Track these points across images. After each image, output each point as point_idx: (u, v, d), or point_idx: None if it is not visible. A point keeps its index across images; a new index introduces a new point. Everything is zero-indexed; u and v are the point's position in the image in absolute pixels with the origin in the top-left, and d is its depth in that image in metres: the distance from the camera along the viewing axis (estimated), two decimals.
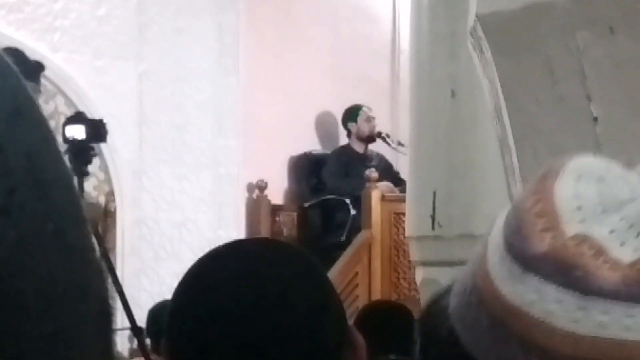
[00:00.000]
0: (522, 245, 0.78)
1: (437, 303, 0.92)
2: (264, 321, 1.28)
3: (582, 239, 0.76)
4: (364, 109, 8.42)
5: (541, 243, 0.77)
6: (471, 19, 1.96)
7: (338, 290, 1.47)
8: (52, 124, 0.36)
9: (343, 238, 7.85)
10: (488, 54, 1.91)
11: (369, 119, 8.43)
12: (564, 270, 0.75)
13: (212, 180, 7.78)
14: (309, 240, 7.90)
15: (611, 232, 0.76)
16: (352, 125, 8.44)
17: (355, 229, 7.82)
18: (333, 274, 6.87)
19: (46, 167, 0.38)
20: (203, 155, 7.74)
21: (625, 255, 0.75)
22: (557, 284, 0.76)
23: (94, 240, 0.40)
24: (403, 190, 7.15)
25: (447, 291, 0.90)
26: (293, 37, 8.49)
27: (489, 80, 1.98)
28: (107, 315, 0.40)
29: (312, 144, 8.64)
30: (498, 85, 1.91)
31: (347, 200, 7.98)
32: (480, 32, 1.90)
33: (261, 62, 8.24)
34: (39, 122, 0.39)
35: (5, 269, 0.34)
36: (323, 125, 8.79)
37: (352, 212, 7.94)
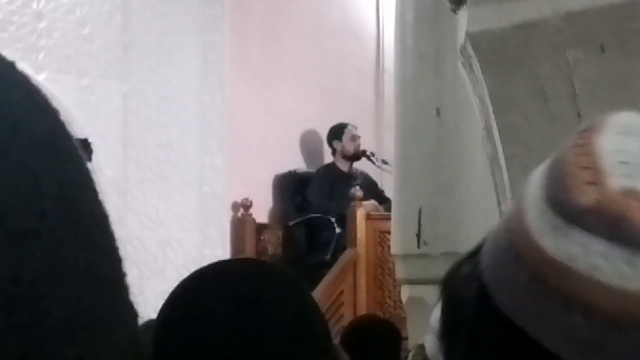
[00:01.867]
0: (565, 197, 0.75)
1: (459, 268, 0.90)
2: (249, 341, 1.28)
3: (629, 192, 0.73)
4: (349, 127, 8.43)
5: (586, 196, 0.74)
6: (461, 37, 1.96)
7: (323, 309, 1.47)
8: None
9: (328, 256, 7.85)
10: (478, 72, 1.92)
11: (354, 138, 8.44)
12: (611, 224, 0.72)
13: (197, 199, 7.77)
14: (294, 258, 7.89)
15: None
16: (337, 144, 8.45)
17: (341, 247, 7.82)
18: (318, 292, 6.86)
19: (79, 198, 0.39)
20: (188, 173, 7.72)
21: None
22: (604, 238, 0.72)
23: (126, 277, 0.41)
24: (388, 209, 7.16)
25: (469, 258, 0.89)
26: (278, 56, 8.51)
27: (479, 98, 1.98)
28: (134, 349, 0.40)
29: (297, 163, 8.64)
30: (488, 103, 1.92)
31: (332, 219, 7.98)
32: (470, 51, 1.91)
33: (246, 80, 8.24)
34: (75, 157, 0.40)
35: (33, 289, 0.35)
36: (308, 143, 8.79)
37: (337, 230, 7.94)
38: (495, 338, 0.81)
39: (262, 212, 8.27)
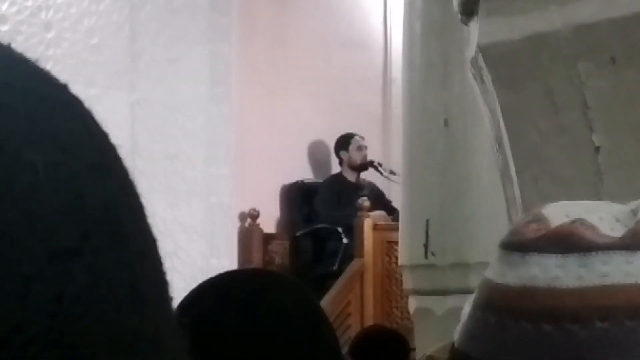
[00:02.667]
0: (517, 237, 0.80)
1: None
2: (257, 352, 1.28)
3: (574, 221, 0.79)
4: (355, 137, 8.44)
5: (535, 229, 0.79)
6: (472, 49, 1.97)
7: (330, 319, 1.47)
8: None
9: (335, 267, 7.85)
10: (489, 84, 1.92)
11: (361, 148, 8.44)
12: (562, 241, 0.78)
13: (204, 209, 7.77)
14: (301, 269, 7.89)
15: (600, 219, 0.79)
16: (343, 154, 8.46)
17: (348, 257, 7.82)
18: (325, 303, 6.86)
19: (124, 220, 0.39)
20: (195, 184, 7.73)
21: (615, 233, 0.78)
22: (558, 253, 0.78)
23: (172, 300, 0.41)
24: (395, 219, 7.16)
25: None
26: (285, 66, 8.52)
27: (490, 110, 1.98)
28: None
29: (304, 173, 8.65)
30: (499, 115, 1.92)
31: (339, 229, 7.98)
32: (481, 62, 1.91)
33: (253, 91, 8.26)
34: (122, 178, 0.41)
35: (73, 308, 0.35)
36: (315, 154, 8.80)
37: (344, 240, 7.94)
38: None
39: (269, 222, 8.28)
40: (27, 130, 0.37)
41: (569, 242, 0.78)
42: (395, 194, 7.64)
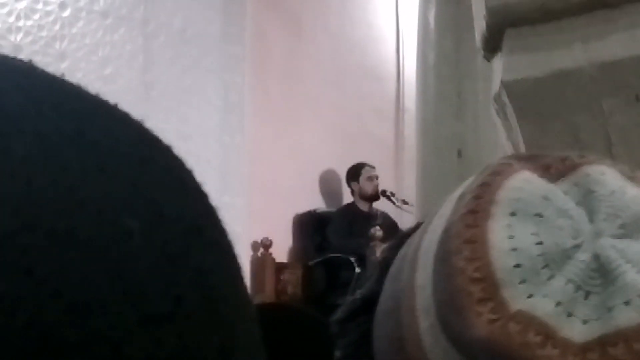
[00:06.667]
0: (458, 324, 0.68)
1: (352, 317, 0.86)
2: None
3: (527, 321, 0.65)
4: (366, 167, 8.43)
5: (480, 323, 0.66)
6: (495, 85, 1.98)
7: None
8: None
9: (348, 296, 7.81)
10: (513, 120, 1.93)
11: (371, 178, 8.43)
12: None
13: None
14: (313, 298, 7.86)
15: (557, 304, 0.66)
16: (354, 185, 8.45)
17: (361, 287, 7.78)
18: None
19: (218, 285, 0.39)
20: None
21: (574, 331, 0.65)
22: None
23: None
24: None
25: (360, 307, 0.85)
26: (298, 96, 8.54)
27: (513, 146, 1.99)
28: None
29: (316, 202, 8.65)
30: (523, 150, 1.93)
31: (352, 259, 7.95)
32: (505, 98, 1.92)
33: (266, 120, 8.27)
34: (219, 243, 0.41)
35: None
36: (327, 183, 8.80)
37: (357, 270, 7.91)
38: None
39: (281, 251, 8.27)
40: (127, 195, 0.37)
41: None
42: (407, 224, 7.62)
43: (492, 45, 1.99)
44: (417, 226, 0.81)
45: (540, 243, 0.68)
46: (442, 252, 0.71)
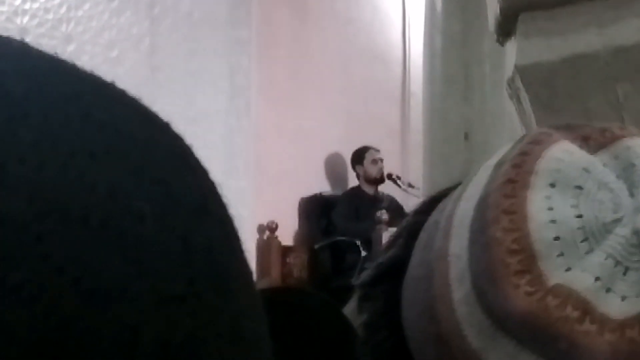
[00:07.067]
0: (494, 296, 0.67)
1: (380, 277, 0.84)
2: None
3: (565, 295, 0.65)
4: (370, 151, 8.41)
5: (516, 296, 0.65)
6: (509, 69, 1.97)
7: None
8: None
9: (354, 280, 7.81)
10: (527, 105, 1.93)
11: (375, 161, 8.40)
12: (546, 340, 0.65)
13: None
14: (319, 281, 7.87)
15: (596, 279, 0.65)
16: (359, 168, 8.44)
17: (366, 270, 7.78)
18: None
19: (226, 262, 0.39)
20: None
21: (613, 306, 0.64)
22: (538, 355, 0.65)
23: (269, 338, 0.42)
24: None
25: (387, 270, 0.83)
26: (304, 79, 8.53)
27: (526, 130, 1.99)
28: None
29: (322, 186, 8.65)
30: None
31: (358, 242, 7.95)
32: (518, 83, 1.92)
33: (272, 103, 8.27)
34: (224, 219, 0.41)
35: (180, 354, 0.36)
36: (333, 167, 8.80)
37: (363, 253, 7.91)
38: None
39: (287, 235, 8.27)
40: (136, 176, 0.37)
41: (554, 345, 0.65)
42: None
43: (506, 29, 1.99)
44: (446, 192, 0.80)
45: (579, 216, 0.67)
46: (479, 222, 0.70)
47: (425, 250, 0.76)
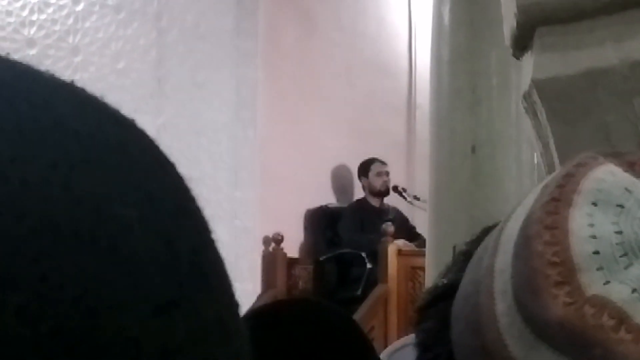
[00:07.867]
0: (534, 306, 0.69)
1: (438, 297, 0.84)
2: None
3: (601, 305, 0.66)
4: (376, 163, 8.41)
5: (555, 305, 0.67)
6: (525, 83, 1.97)
7: None
8: None
9: (359, 292, 7.81)
10: (543, 119, 1.92)
11: (381, 174, 8.40)
12: (582, 346, 0.66)
13: (229, 233, 7.78)
14: (324, 293, 7.86)
15: (633, 291, 0.67)
16: (364, 180, 8.45)
17: (372, 283, 7.78)
18: None
19: (206, 260, 0.39)
20: (220, 207, 7.74)
21: None
22: None
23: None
24: (419, 245, 7.14)
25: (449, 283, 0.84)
26: (310, 91, 8.54)
27: (542, 144, 1.99)
28: None
29: (328, 198, 8.65)
30: (553, 149, 1.92)
31: (363, 254, 7.95)
32: (535, 97, 1.92)
33: (278, 115, 8.28)
34: (197, 214, 0.41)
35: (177, 358, 0.36)
36: (339, 178, 8.81)
37: (368, 266, 7.91)
38: None
39: (293, 246, 8.28)
40: (117, 184, 0.36)
41: (590, 352, 0.66)
42: (419, 220, 7.64)
43: (523, 43, 1.99)
44: (498, 222, 0.82)
45: (619, 232, 0.69)
46: (522, 237, 0.72)
47: (474, 270, 0.78)
